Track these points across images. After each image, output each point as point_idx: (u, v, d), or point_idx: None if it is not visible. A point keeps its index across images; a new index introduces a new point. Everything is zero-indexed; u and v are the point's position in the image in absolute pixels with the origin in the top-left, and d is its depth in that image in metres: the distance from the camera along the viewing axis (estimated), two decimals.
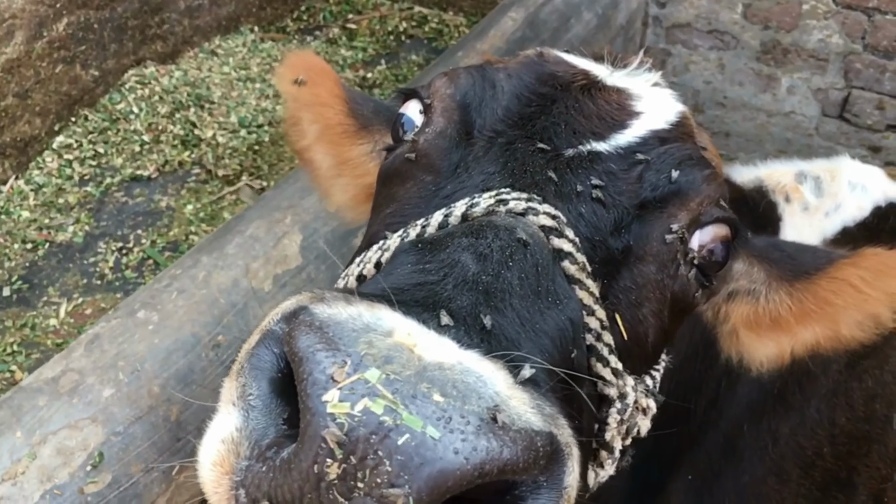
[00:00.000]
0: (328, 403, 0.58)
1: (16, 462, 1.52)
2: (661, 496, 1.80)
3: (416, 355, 0.62)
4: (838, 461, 1.73)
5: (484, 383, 0.64)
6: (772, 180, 1.96)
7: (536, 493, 0.65)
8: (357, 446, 0.57)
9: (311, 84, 1.50)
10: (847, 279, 1.24)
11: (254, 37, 4.29)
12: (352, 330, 0.63)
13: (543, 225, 0.95)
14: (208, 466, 0.65)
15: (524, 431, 0.62)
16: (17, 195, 3.20)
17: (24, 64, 3.22)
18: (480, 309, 0.77)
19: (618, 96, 1.19)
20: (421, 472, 0.57)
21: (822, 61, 3.99)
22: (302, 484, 0.59)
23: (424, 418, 0.58)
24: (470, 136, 1.12)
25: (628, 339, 1.02)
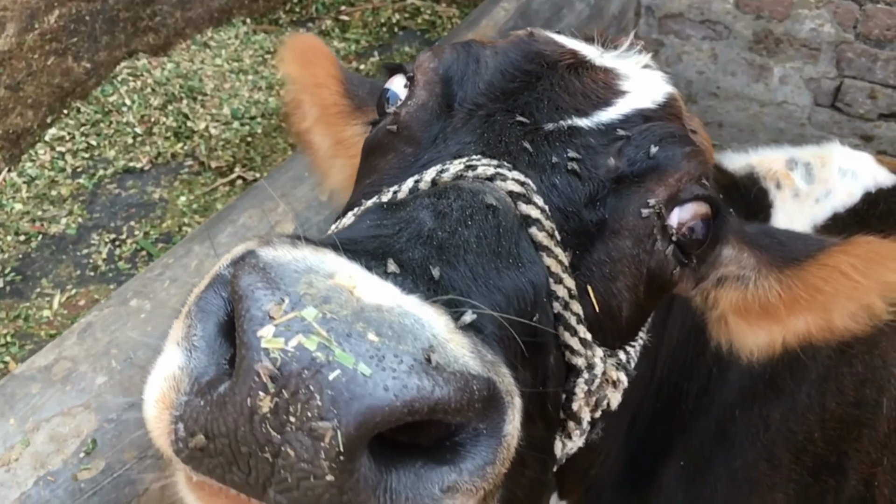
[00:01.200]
0: (263, 339, 0.59)
1: (9, 449, 1.52)
2: (653, 482, 1.81)
3: (355, 297, 0.63)
4: (829, 446, 1.74)
5: (422, 326, 0.64)
6: (763, 167, 1.96)
7: (476, 440, 0.66)
8: (289, 381, 0.58)
9: (309, 65, 1.52)
10: (837, 266, 1.23)
11: (246, 29, 4.28)
12: (293, 271, 0.64)
13: (511, 191, 0.95)
14: (151, 403, 0.67)
15: (459, 374, 0.62)
16: (10, 187, 3.19)
17: (15, 56, 3.21)
18: (431, 262, 0.77)
19: (605, 76, 1.19)
20: (350, 406, 0.58)
21: (814, 51, 4.00)
22: (236, 417, 0.60)
23: (357, 356, 0.59)
24: (451, 109, 1.12)
25: (600, 312, 1.03)
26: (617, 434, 1.78)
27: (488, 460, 0.66)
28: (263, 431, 0.60)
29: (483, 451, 0.66)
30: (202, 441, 0.63)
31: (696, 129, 1.30)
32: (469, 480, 0.65)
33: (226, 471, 0.64)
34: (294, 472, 0.60)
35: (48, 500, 1.51)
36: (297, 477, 0.60)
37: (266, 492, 0.63)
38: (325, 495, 0.60)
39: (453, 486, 0.65)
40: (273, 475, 0.61)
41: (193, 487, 0.70)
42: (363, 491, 0.61)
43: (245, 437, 0.61)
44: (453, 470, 0.65)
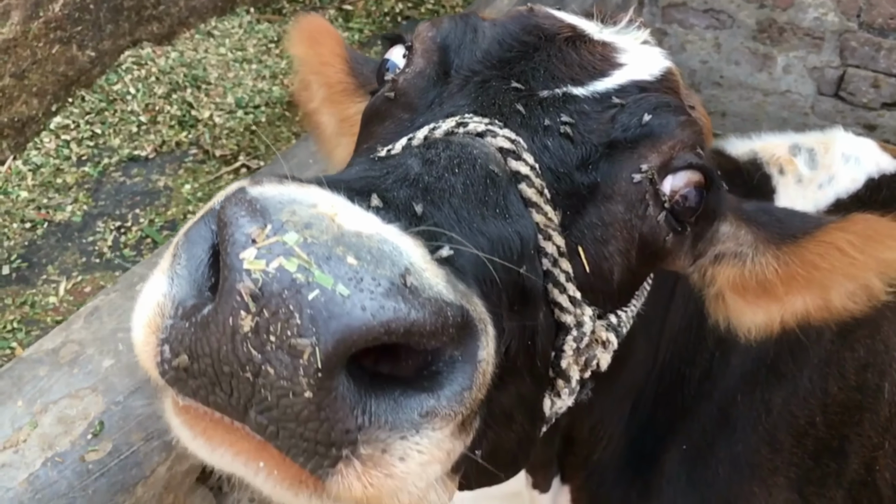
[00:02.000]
0: (245, 260, 0.61)
1: (17, 430, 1.54)
2: (655, 466, 1.82)
3: (336, 224, 0.65)
4: (830, 430, 1.75)
5: (400, 253, 0.66)
6: (766, 152, 1.97)
7: (452, 367, 0.68)
8: (270, 300, 0.60)
9: (315, 44, 1.54)
10: (834, 243, 1.24)
11: (250, 18, 4.28)
12: (278, 202, 0.66)
13: (501, 147, 0.97)
14: (138, 328, 0.69)
15: (434, 299, 0.64)
16: (16, 175, 3.20)
17: (20, 44, 3.21)
18: (415, 200, 0.79)
19: (602, 49, 1.20)
20: (328, 324, 0.59)
21: (817, 39, 4.00)
22: (219, 337, 0.62)
23: (336, 277, 0.61)
24: (447, 76, 1.14)
25: (591, 273, 1.04)
26: (619, 418, 1.79)
27: (465, 386, 0.69)
28: (245, 350, 0.61)
29: (460, 378, 0.68)
30: (185, 361, 0.65)
31: (695, 106, 1.30)
32: (447, 405, 0.68)
33: (209, 392, 0.66)
34: (274, 390, 0.62)
35: (56, 480, 1.53)
36: (276, 395, 0.62)
37: (247, 413, 0.65)
38: (303, 412, 0.62)
39: (431, 411, 0.67)
40: (254, 395, 0.63)
41: (179, 412, 0.72)
42: (341, 409, 0.63)
43: (227, 356, 0.62)
44: (431, 396, 0.67)
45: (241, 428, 0.69)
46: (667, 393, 1.80)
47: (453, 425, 0.70)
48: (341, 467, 0.66)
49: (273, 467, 0.70)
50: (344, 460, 0.65)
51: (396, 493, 0.69)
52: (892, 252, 1.22)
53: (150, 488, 1.68)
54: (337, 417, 0.63)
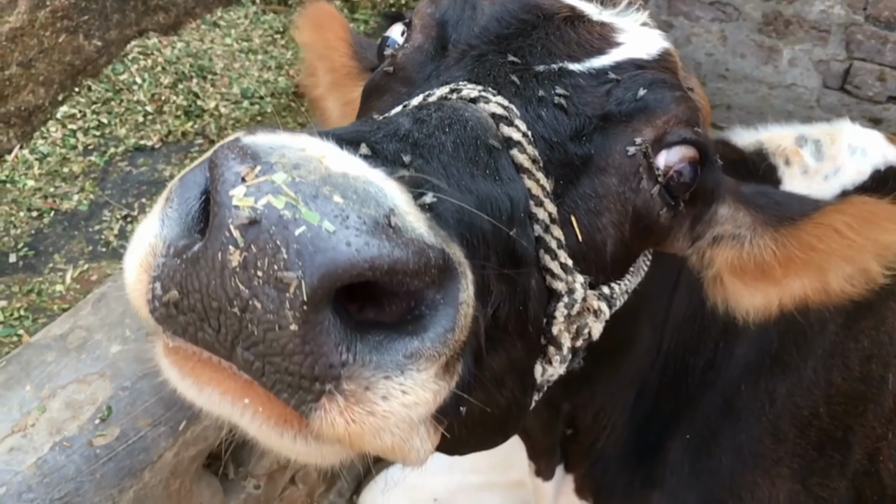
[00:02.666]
0: (234, 197, 0.63)
1: (25, 415, 1.55)
2: (659, 455, 1.83)
3: (324, 165, 0.67)
4: (834, 421, 1.76)
5: (384, 195, 0.68)
6: (772, 143, 1.97)
7: (434, 310, 0.70)
8: (258, 236, 0.62)
9: (321, 30, 1.56)
10: (832, 224, 1.24)
11: (255, 9, 4.28)
12: (269, 147, 0.67)
13: (494, 113, 0.98)
14: (130, 268, 0.71)
15: (416, 240, 0.66)
16: (22, 164, 3.21)
17: (27, 33, 3.22)
18: (403, 152, 0.81)
19: (601, 28, 1.21)
20: (314, 258, 0.61)
21: (823, 32, 3.98)
22: (208, 272, 0.64)
23: (322, 214, 0.62)
24: (445, 50, 1.16)
25: (584, 243, 1.05)
26: (623, 407, 1.79)
27: (448, 327, 0.70)
28: (233, 285, 0.63)
29: (443, 320, 0.70)
30: (176, 296, 0.67)
31: (694, 88, 1.31)
32: (431, 347, 0.69)
33: (198, 329, 0.67)
34: (261, 324, 0.63)
35: (64, 465, 1.54)
36: (263, 329, 0.63)
37: (234, 350, 0.66)
38: (288, 345, 0.63)
39: (416, 352, 0.69)
40: (241, 331, 0.65)
41: (169, 353, 0.74)
42: (325, 343, 0.64)
43: (216, 291, 0.64)
44: (415, 338, 0.69)
45: (229, 367, 0.70)
46: (671, 382, 1.81)
47: (437, 366, 0.71)
48: (324, 402, 0.67)
49: (258, 405, 0.71)
50: (327, 395, 0.66)
51: (379, 433, 0.70)
52: (889, 234, 1.22)
53: (156, 473, 1.69)
54: (321, 351, 0.64)
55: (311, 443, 0.73)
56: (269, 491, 2.24)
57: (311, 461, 0.77)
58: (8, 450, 1.51)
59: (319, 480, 2.56)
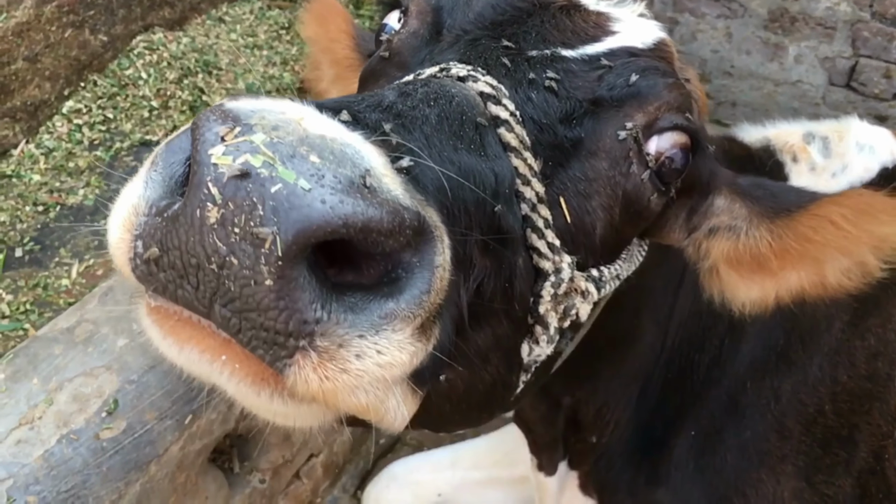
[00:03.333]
0: (213, 156, 0.64)
1: (33, 407, 1.56)
2: (664, 452, 1.83)
3: (302, 127, 0.68)
4: (840, 418, 1.75)
5: (361, 157, 0.69)
6: (779, 140, 1.96)
7: (410, 272, 0.71)
8: (236, 193, 0.63)
9: (325, 23, 1.58)
10: (827, 216, 1.24)
11: (261, 4, 4.28)
12: (250, 110, 0.69)
13: (482, 91, 0.99)
14: (114, 228, 0.73)
15: (390, 201, 0.68)
16: (28, 159, 3.22)
17: (33, 28, 3.23)
18: (385, 121, 0.82)
19: (596, 17, 1.22)
20: (289, 215, 0.62)
21: (829, 29, 3.97)
22: (187, 229, 0.65)
23: (299, 173, 0.64)
24: (439, 35, 1.17)
25: (573, 225, 1.06)
26: (627, 402, 1.79)
27: (423, 289, 0.72)
28: (211, 241, 0.64)
29: (418, 282, 0.71)
30: (156, 253, 0.68)
31: (690, 79, 1.32)
32: (406, 308, 0.71)
33: (177, 286, 0.68)
34: (237, 280, 0.65)
35: (71, 457, 1.54)
36: (239, 284, 0.65)
37: (213, 307, 0.68)
38: (263, 300, 0.65)
39: (391, 313, 0.70)
40: (219, 287, 0.66)
41: (151, 312, 0.76)
42: (300, 299, 0.65)
43: (194, 247, 0.65)
44: (391, 299, 0.70)
45: (208, 326, 0.72)
46: (676, 378, 1.81)
47: (412, 328, 0.72)
48: (298, 358, 0.68)
49: (235, 362, 0.72)
50: (301, 351, 0.68)
51: (353, 391, 0.71)
52: (885, 226, 1.22)
53: (163, 467, 1.70)
54: (296, 307, 0.65)
55: (287, 402, 0.74)
56: (274, 485, 2.25)
57: (289, 423, 0.78)
58: (15, 442, 1.51)
59: (324, 476, 2.57)
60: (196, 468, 1.85)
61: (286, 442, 2.26)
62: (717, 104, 4.43)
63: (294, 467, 2.37)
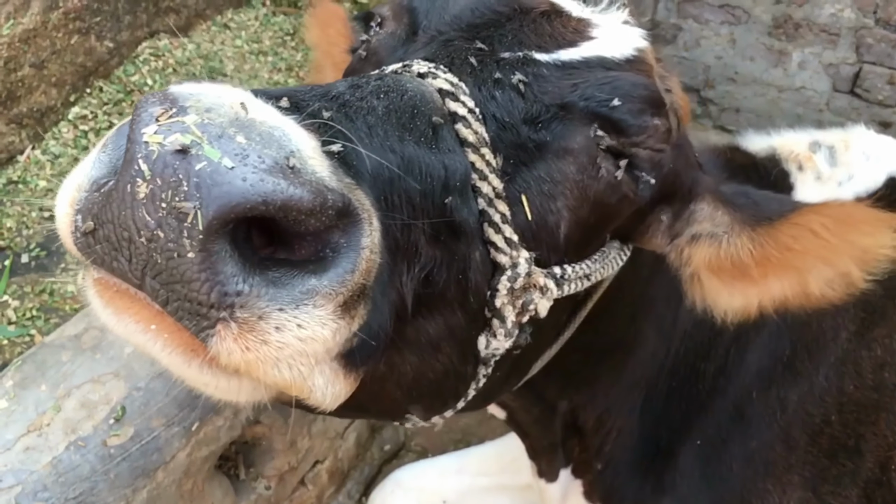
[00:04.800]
0: (145, 135, 0.68)
1: (41, 414, 1.56)
2: (669, 461, 1.83)
3: (234, 109, 0.71)
4: (846, 429, 1.75)
5: (289, 139, 0.72)
6: (785, 149, 1.96)
7: (337, 252, 0.75)
8: (164, 170, 0.67)
9: (325, 28, 1.63)
10: (807, 224, 1.24)
11: (266, 10, 4.29)
12: (189, 93, 0.73)
13: (441, 88, 1.01)
14: (60, 205, 0.76)
15: (313, 182, 0.71)
16: (34, 165, 3.23)
17: (40, 34, 3.24)
18: (326, 109, 0.84)
19: (577, 23, 1.22)
20: (211, 191, 0.66)
21: (833, 36, 3.98)
22: (119, 203, 0.69)
23: (224, 152, 0.67)
24: (415, 35, 1.20)
25: (535, 223, 1.07)
26: (629, 410, 1.79)
27: (347, 269, 0.74)
28: (140, 216, 0.68)
29: (343, 262, 0.74)
30: (91, 226, 0.72)
31: (672, 89, 1.31)
32: (328, 285, 0.73)
33: (112, 258, 0.72)
34: (163, 252, 0.68)
35: (79, 464, 1.55)
36: (165, 257, 0.69)
37: (145, 279, 0.71)
38: (186, 272, 0.68)
39: (312, 289, 0.73)
40: (149, 260, 0.70)
41: (93, 283, 0.79)
42: (221, 272, 0.69)
43: (125, 221, 0.69)
44: (314, 276, 0.73)
45: (144, 298, 0.75)
46: (681, 387, 1.81)
47: (334, 305, 0.75)
48: (220, 328, 0.71)
49: (165, 332, 0.76)
50: (222, 322, 0.71)
51: (276, 364, 0.74)
52: (867, 237, 1.22)
53: (170, 474, 1.70)
54: (217, 279, 0.69)
55: (216, 373, 0.77)
56: (280, 492, 2.25)
57: (221, 395, 0.80)
58: (24, 449, 1.52)
59: (329, 482, 2.57)
60: (203, 475, 1.85)
61: (291, 448, 2.26)
62: (720, 110, 4.44)
63: (299, 474, 2.37)
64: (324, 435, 2.47)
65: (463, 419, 3.03)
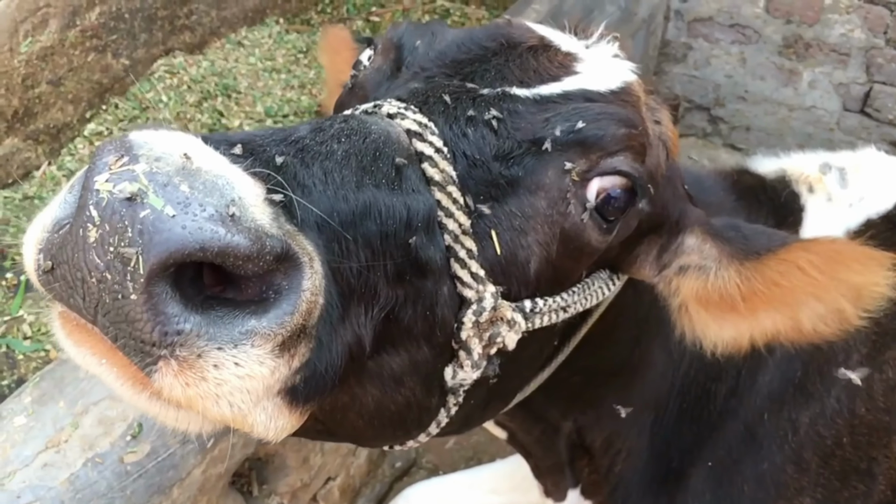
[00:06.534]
0: (97, 182, 0.72)
1: (59, 431, 1.58)
2: (681, 482, 1.83)
3: (183, 160, 0.75)
4: (858, 451, 1.75)
5: (231, 188, 0.76)
6: (795, 170, 1.96)
7: (279, 294, 0.78)
8: (112, 217, 0.71)
9: (335, 54, 1.67)
10: (795, 261, 1.24)
11: (279, 28, 4.34)
12: (144, 141, 0.76)
13: (409, 129, 1.03)
14: (26, 243, 0.81)
15: (252, 229, 0.74)
16: (50, 180, 3.27)
17: (57, 52, 3.29)
18: (281, 155, 0.87)
19: (563, 57, 1.23)
20: (152, 238, 0.70)
21: (843, 56, 4.00)
22: (73, 246, 0.73)
23: (167, 201, 0.71)
24: (399, 71, 1.22)
25: (504, 258, 1.08)
26: (638, 431, 1.80)
27: (287, 311, 0.77)
28: (91, 258, 0.72)
29: (284, 304, 0.78)
30: (49, 266, 0.76)
31: (662, 121, 1.32)
32: (267, 326, 0.76)
33: (69, 296, 0.76)
34: (110, 293, 0.73)
35: (96, 481, 1.56)
36: (112, 297, 0.73)
37: (97, 316, 0.76)
38: (130, 313, 0.73)
39: (251, 329, 0.76)
40: (99, 300, 0.74)
41: (58, 317, 0.84)
42: (161, 313, 0.72)
43: (78, 263, 0.73)
44: (254, 317, 0.76)
45: (99, 333, 0.78)
46: (692, 408, 1.81)
47: (272, 345, 0.78)
48: (161, 365, 0.75)
49: (116, 366, 0.80)
50: (163, 359, 0.74)
51: (216, 400, 0.77)
52: (857, 276, 1.22)
53: (185, 490, 1.72)
54: (157, 320, 0.72)
55: (163, 405, 0.81)
56: None
57: (172, 424, 0.84)
58: (42, 465, 1.53)
59: (340, 499, 2.58)
60: (217, 491, 1.87)
61: (304, 465, 2.27)
62: (730, 128, 4.45)
63: (311, 490, 2.38)
64: (336, 452, 2.48)
65: (474, 436, 3.03)
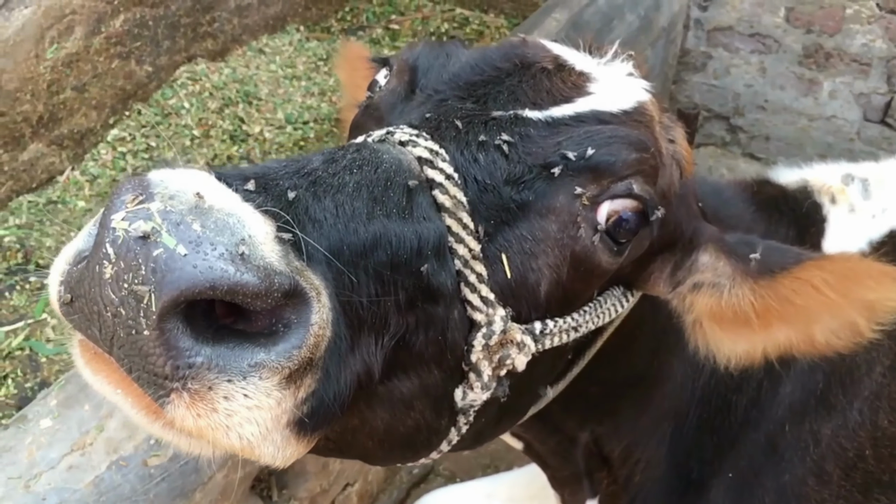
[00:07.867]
0: (114, 220, 0.75)
1: (84, 434, 1.60)
2: (701, 493, 1.82)
3: (197, 198, 0.77)
4: (881, 464, 1.73)
5: (242, 226, 0.78)
6: (817, 181, 1.95)
7: (288, 328, 0.80)
8: (127, 254, 0.73)
9: (353, 69, 1.68)
10: (809, 280, 1.24)
11: (300, 36, 4.38)
12: (161, 180, 0.79)
13: (420, 156, 1.04)
14: (52, 275, 0.83)
15: (262, 267, 0.76)
16: (74, 185, 3.32)
17: (82, 58, 3.33)
18: (293, 189, 0.90)
19: (577, 78, 1.23)
20: (164, 276, 0.72)
21: (864, 66, 3.97)
22: (90, 281, 0.76)
23: (179, 240, 0.73)
24: (413, 93, 1.22)
25: (514, 281, 1.09)
26: (658, 442, 1.79)
27: (295, 345, 0.79)
28: (107, 293, 0.75)
29: (292, 338, 0.79)
30: (69, 298, 0.79)
31: (676, 139, 1.32)
32: (275, 359, 0.78)
33: (87, 327, 0.79)
34: (125, 328, 0.75)
35: (120, 484, 1.58)
36: (126, 332, 0.75)
37: (112, 348, 0.78)
38: (143, 347, 0.75)
39: (260, 362, 0.78)
40: (114, 333, 0.76)
41: (78, 345, 0.87)
42: (173, 347, 0.75)
43: (94, 297, 0.76)
44: (263, 350, 0.78)
45: (115, 363, 0.80)
46: (712, 419, 1.80)
47: (280, 377, 0.80)
48: (174, 397, 0.77)
49: (131, 395, 0.83)
50: (176, 392, 0.77)
51: (226, 431, 0.80)
52: (871, 292, 1.22)
53: (207, 494, 1.73)
54: (170, 354, 0.75)
55: (176, 433, 0.83)
56: None
57: (186, 449, 0.87)
58: (67, 468, 1.55)
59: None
60: (238, 496, 1.88)
61: (323, 471, 2.28)
62: (750, 138, 4.44)
63: (330, 496, 2.39)
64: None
65: (491, 445, 3.03)
